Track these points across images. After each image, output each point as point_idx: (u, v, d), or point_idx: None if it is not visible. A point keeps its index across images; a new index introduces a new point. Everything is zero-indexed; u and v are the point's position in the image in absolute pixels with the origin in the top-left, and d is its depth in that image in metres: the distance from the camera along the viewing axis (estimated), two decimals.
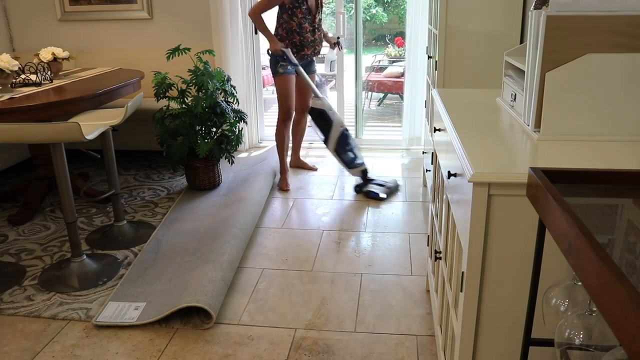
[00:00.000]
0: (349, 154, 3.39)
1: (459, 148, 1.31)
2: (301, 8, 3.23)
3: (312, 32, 3.33)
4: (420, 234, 2.81)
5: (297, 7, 3.22)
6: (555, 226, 0.73)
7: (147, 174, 3.80)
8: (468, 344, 1.27)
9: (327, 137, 3.36)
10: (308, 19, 3.27)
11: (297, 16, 3.23)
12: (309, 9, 3.27)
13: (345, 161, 3.39)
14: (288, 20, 3.25)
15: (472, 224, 1.16)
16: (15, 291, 2.31)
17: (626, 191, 0.91)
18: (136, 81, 3.25)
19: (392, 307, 2.18)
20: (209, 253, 2.47)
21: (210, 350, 1.93)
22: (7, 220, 3.01)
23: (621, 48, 1.28)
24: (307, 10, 3.26)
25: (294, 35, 3.29)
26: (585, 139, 1.35)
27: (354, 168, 3.40)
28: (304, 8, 3.24)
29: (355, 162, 3.40)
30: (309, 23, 3.29)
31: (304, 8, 3.24)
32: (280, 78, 3.35)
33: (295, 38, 3.30)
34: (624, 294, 0.51)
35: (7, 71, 2.72)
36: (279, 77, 3.34)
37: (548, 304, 0.97)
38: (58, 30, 4.29)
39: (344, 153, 3.38)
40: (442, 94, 1.93)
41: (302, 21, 3.25)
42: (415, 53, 3.99)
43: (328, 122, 3.35)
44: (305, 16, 3.25)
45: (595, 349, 0.85)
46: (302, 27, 3.27)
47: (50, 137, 2.17)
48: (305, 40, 3.32)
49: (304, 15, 3.24)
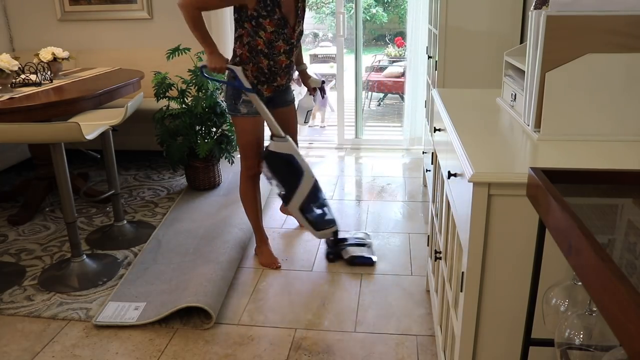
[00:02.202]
0: (316, 211, 2.51)
1: (459, 148, 1.31)
2: (271, 18, 2.14)
3: (288, 53, 2.29)
4: (420, 234, 2.81)
5: (266, 15, 2.14)
6: (555, 226, 0.73)
7: (147, 174, 3.80)
8: (468, 344, 1.27)
9: (292, 191, 2.42)
10: (283, 33, 2.20)
11: (266, 30, 2.16)
12: (283, 19, 2.18)
13: (312, 221, 2.48)
14: (253, 35, 2.18)
15: (472, 224, 1.16)
16: (15, 291, 2.31)
17: (626, 191, 0.91)
18: (136, 81, 3.25)
19: (392, 307, 2.18)
20: (209, 253, 2.47)
21: (210, 350, 1.93)
22: (7, 220, 3.01)
23: (621, 48, 1.28)
24: (280, 21, 2.17)
25: (260, 57, 2.23)
26: (585, 139, 1.35)
27: (322, 230, 2.49)
28: (275, 18, 2.15)
29: (325, 221, 2.51)
30: (284, 40, 2.23)
31: (275, 18, 2.15)
32: (242, 120, 2.33)
33: (263, 62, 2.25)
34: (624, 294, 0.51)
35: (7, 71, 2.72)
36: (241, 118, 2.32)
37: (548, 304, 0.97)
38: (58, 30, 4.29)
39: (311, 211, 2.49)
40: (442, 94, 1.93)
41: (274, 37, 2.19)
42: (415, 53, 3.99)
43: (296, 173, 2.40)
44: (278, 29, 2.18)
45: (595, 349, 0.85)
46: (273, 47, 2.21)
47: (50, 137, 2.17)
48: (279, 66, 2.29)
49: (276, 28, 2.17)
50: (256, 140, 2.40)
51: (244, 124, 2.35)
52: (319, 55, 8.22)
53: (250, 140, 2.38)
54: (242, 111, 2.31)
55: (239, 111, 2.31)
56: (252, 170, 2.46)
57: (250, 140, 2.38)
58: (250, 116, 2.32)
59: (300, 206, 2.45)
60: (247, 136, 2.37)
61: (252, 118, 2.33)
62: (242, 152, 2.43)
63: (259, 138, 2.41)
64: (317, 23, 10.27)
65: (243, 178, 2.49)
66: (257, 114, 2.33)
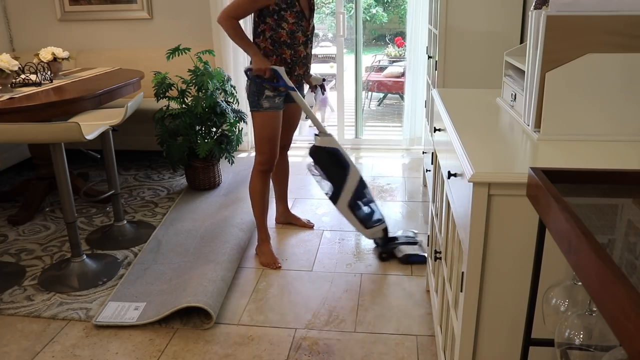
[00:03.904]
0: (364, 209, 2.53)
1: (459, 148, 1.31)
2: (291, 10, 2.28)
3: (306, 44, 2.41)
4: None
5: (287, 8, 2.27)
6: (555, 226, 0.73)
7: (147, 174, 3.80)
8: (468, 344, 1.27)
9: (340, 188, 2.44)
10: (301, 26, 2.33)
11: (288, 21, 2.28)
12: (301, 12, 2.32)
13: (362, 219, 2.50)
14: (275, 28, 2.29)
15: (472, 224, 1.16)
16: (15, 291, 2.31)
17: (626, 191, 0.91)
18: (136, 81, 3.25)
19: (392, 307, 2.18)
20: (209, 253, 2.47)
21: (210, 350, 1.93)
22: (7, 220, 3.01)
23: (621, 48, 1.28)
24: (299, 14, 2.31)
25: (283, 49, 2.33)
26: (585, 139, 1.35)
27: (372, 227, 2.51)
28: (295, 10, 2.29)
29: (374, 220, 2.53)
30: (302, 32, 2.35)
31: (295, 10, 2.29)
32: (263, 115, 2.38)
33: (286, 53, 2.35)
34: (624, 294, 0.51)
35: (7, 71, 2.72)
36: (263, 113, 2.38)
37: (548, 304, 0.97)
38: (58, 30, 4.29)
39: (359, 209, 2.51)
40: (442, 94, 1.93)
41: (295, 28, 2.31)
42: (415, 53, 3.99)
43: (343, 166, 2.46)
44: (298, 21, 2.31)
45: (595, 349, 0.85)
46: (294, 37, 2.32)
47: (50, 137, 2.17)
48: (298, 56, 2.39)
49: (296, 20, 2.30)
50: (274, 134, 2.43)
51: (264, 118, 2.39)
52: (319, 55, 8.21)
53: (268, 134, 2.41)
54: (265, 106, 2.37)
55: (261, 106, 2.37)
56: (266, 165, 2.47)
57: (268, 133, 2.41)
58: (272, 111, 2.38)
59: (349, 203, 2.46)
60: (265, 130, 2.40)
61: (274, 112, 2.39)
62: (259, 146, 2.44)
63: (276, 132, 2.43)
64: (317, 23, 10.24)
65: (255, 173, 2.50)
66: (278, 109, 2.40)
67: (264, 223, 2.60)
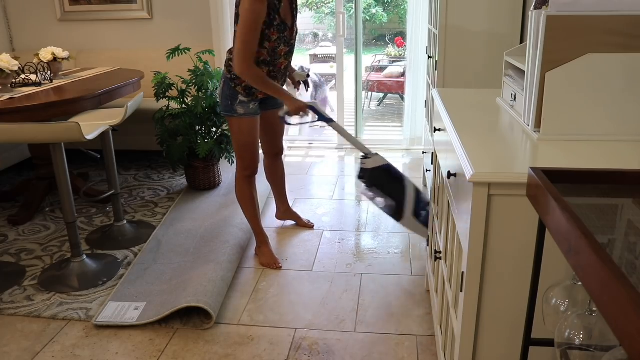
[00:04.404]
0: (423, 212, 2.41)
1: (459, 148, 1.31)
2: (273, 26, 2.16)
3: (287, 55, 2.32)
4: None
5: (269, 25, 2.14)
6: (555, 226, 0.73)
7: (147, 174, 3.80)
8: (468, 344, 1.27)
9: (402, 201, 2.35)
10: (284, 37, 2.22)
11: (271, 39, 2.18)
12: (282, 23, 2.19)
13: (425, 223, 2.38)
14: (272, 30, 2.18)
15: (472, 224, 1.16)
16: (15, 291, 2.31)
17: (626, 191, 0.91)
18: (136, 81, 3.25)
19: (392, 307, 2.18)
20: (209, 253, 2.47)
21: (210, 350, 1.93)
22: (7, 220, 3.01)
23: (621, 48, 1.28)
24: (280, 26, 2.19)
25: (262, 67, 2.24)
26: (585, 139, 1.35)
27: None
28: (275, 24, 2.16)
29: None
30: (285, 42, 2.24)
31: (275, 24, 2.16)
32: (239, 121, 2.33)
33: (263, 70, 2.25)
34: (624, 294, 0.51)
35: (7, 71, 2.72)
36: (238, 119, 2.33)
37: (548, 304, 0.97)
38: (58, 30, 4.29)
39: (421, 216, 2.39)
40: (442, 94, 1.93)
41: (276, 44, 2.21)
42: (415, 53, 3.99)
43: (399, 180, 2.39)
44: (279, 34, 2.20)
45: (595, 349, 0.85)
46: (275, 53, 2.23)
47: (50, 137, 2.17)
48: (278, 69, 2.31)
49: (278, 35, 2.19)
50: (253, 141, 2.40)
51: (240, 125, 2.35)
52: (319, 55, 8.22)
53: (247, 141, 2.38)
54: (239, 112, 2.31)
55: (235, 111, 2.31)
56: (248, 171, 2.46)
57: (247, 141, 2.38)
58: (248, 117, 2.33)
59: (413, 213, 2.37)
60: (244, 137, 2.37)
61: (250, 119, 2.34)
62: (239, 153, 2.42)
63: (254, 138, 2.40)
64: (317, 23, 10.26)
65: (239, 178, 2.49)
66: (254, 115, 2.35)
67: (259, 225, 2.58)
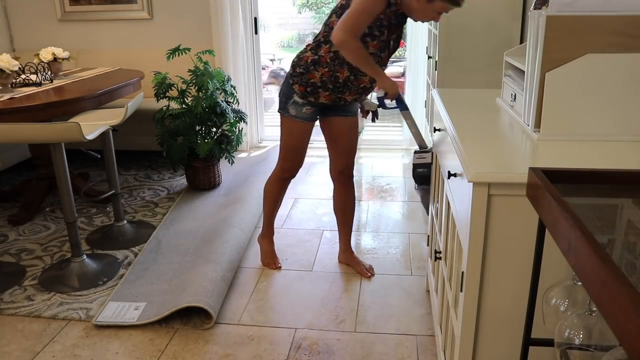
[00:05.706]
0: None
1: (459, 148, 1.31)
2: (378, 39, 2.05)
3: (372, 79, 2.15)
4: (420, 234, 2.81)
5: (376, 36, 2.03)
6: (555, 226, 0.73)
7: (147, 174, 3.80)
8: (468, 344, 1.27)
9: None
10: (379, 57, 2.11)
11: (368, 49, 2.04)
12: (386, 43, 2.10)
13: None
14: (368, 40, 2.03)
15: (472, 224, 1.16)
16: (15, 291, 2.31)
17: (626, 191, 0.91)
18: (136, 81, 3.25)
19: (392, 307, 2.18)
20: (209, 253, 2.47)
21: (210, 350, 1.93)
22: (7, 220, 3.01)
23: (621, 48, 1.28)
24: (383, 44, 2.08)
25: (343, 68, 2.10)
26: (585, 139, 1.35)
27: None
28: (381, 39, 2.06)
29: None
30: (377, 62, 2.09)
31: (381, 39, 2.06)
32: (289, 122, 2.23)
33: (342, 73, 2.11)
34: (624, 294, 0.51)
35: (7, 71, 2.72)
36: (289, 119, 2.23)
37: (548, 304, 0.97)
38: (58, 30, 4.29)
39: None
40: (442, 94, 1.93)
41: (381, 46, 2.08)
42: (415, 53, 3.99)
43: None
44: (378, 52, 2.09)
45: (595, 349, 0.85)
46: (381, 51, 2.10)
47: (50, 137, 2.17)
48: (357, 84, 2.17)
49: (377, 51, 2.08)
50: (301, 147, 2.30)
51: (291, 127, 2.24)
52: None
53: (294, 146, 2.28)
54: (291, 112, 2.20)
55: (287, 111, 2.21)
56: (286, 174, 2.38)
57: (295, 145, 2.28)
58: (299, 120, 2.21)
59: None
60: (291, 140, 2.27)
61: (300, 123, 2.22)
62: (283, 153, 2.32)
63: (303, 145, 2.30)
64: (317, 23, 10.26)
65: (275, 178, 2.40)
66: (307, 120, 2.22)
67: (272, 220, 2.53)
